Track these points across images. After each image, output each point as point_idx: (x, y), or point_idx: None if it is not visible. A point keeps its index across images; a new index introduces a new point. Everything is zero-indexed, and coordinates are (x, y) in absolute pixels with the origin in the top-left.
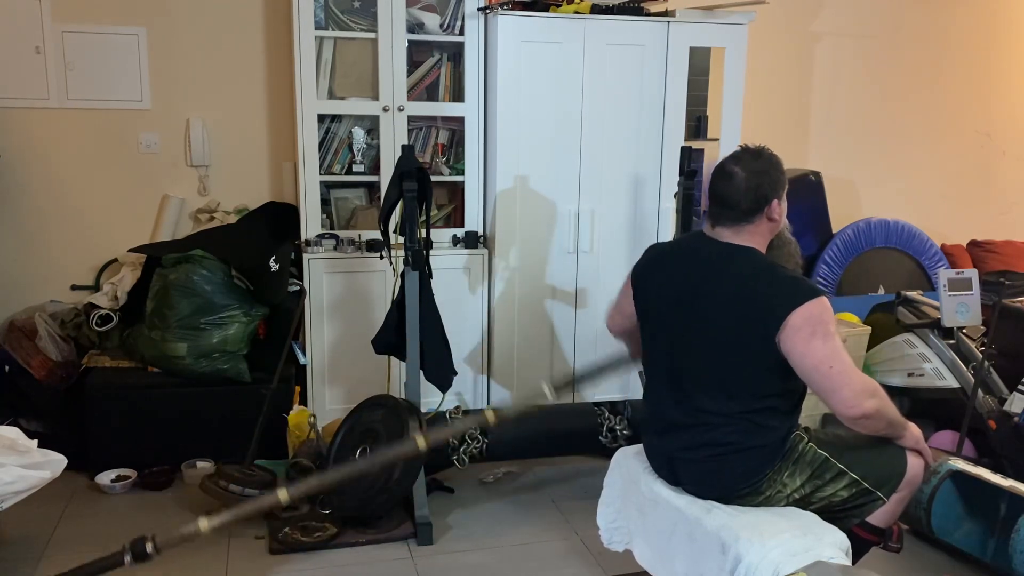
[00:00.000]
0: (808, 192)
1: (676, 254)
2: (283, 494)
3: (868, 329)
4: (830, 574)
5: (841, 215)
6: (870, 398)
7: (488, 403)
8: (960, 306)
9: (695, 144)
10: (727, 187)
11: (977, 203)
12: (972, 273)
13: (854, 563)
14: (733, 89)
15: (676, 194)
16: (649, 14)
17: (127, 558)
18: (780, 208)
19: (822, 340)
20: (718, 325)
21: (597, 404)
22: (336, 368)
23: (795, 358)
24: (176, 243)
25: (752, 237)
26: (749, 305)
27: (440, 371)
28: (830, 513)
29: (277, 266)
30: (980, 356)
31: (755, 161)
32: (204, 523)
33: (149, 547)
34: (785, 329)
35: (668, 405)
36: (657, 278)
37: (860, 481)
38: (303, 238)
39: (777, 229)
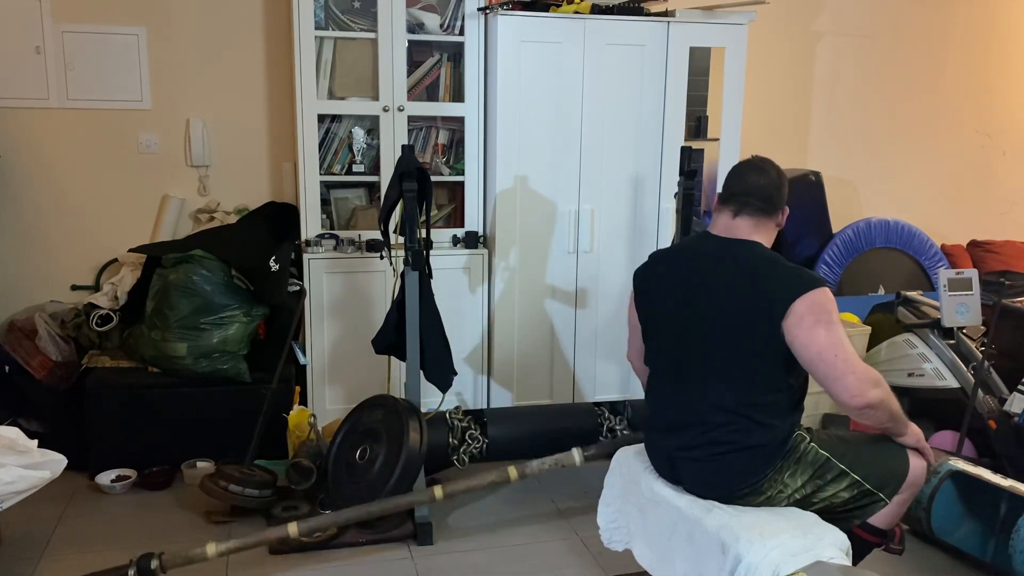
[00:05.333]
0: (808, 192)
1: (678, 254)
2: (293, 528)
3: (868, 329)
4: (830, 574)
5: (841, 215)
6: (874, 387)
7: (488, 403)
8: (960, 306)
9: (695, 144)
10: (762, 179)
11: (977, 203)
12: (972, 273)
13: (855, 564)
14: (733, 89)
15: (676, 194)
16: (649, 14)
17: (132, 573)
18: (783, 218)
19: (825, 328)
20: (722, 315)
21: (597, 404)
22: (336, 368)
23: (798, 347)
24: (176, 243)
25: (767, 232)
26: (752, 294)
27: (440, 371)
28: (831, 514)
29: (277, 266)
30: (980, 356)
31: (779, 169)
32: (212, 548)
33: (154, 563)
34: (789, 317)
35: (670, 402)
36: (659, 277)
37: (862, 482)
38: (303, 238)
39: (774, 238)
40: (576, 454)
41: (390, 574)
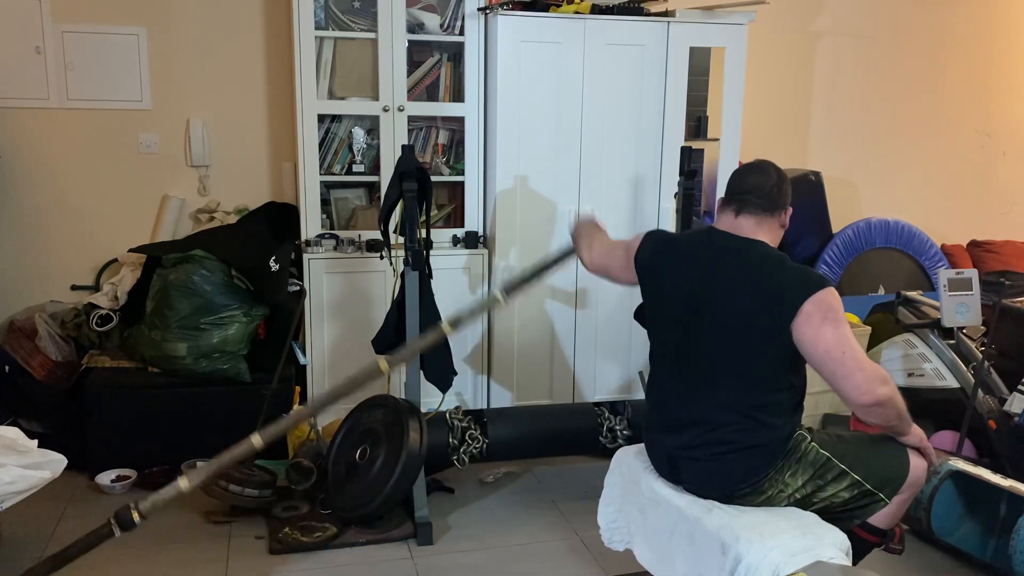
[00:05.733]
0: (808, 192)
1: (685, 248)
2: (256, 439)
3: (868, 329)
4: (830, 574)
5: (841, 215)
6: (883, 385)
7: (488, 403)
8: (960, 306)
9: (695, 144)
10: (761, 178)
11: (977, 203)
12: (972, 273)
13: (855, 564)
14: (733, 89)
15: (676, 194)
16: (649, 14)
17: (115, 529)
18: (787, 218)
19: (833, 327)
20: (729, 314)
21: (597, 404)
22: (336, 368)
23: (806, 345)
24: (176, 243)
25: (770, 232)
26: (758, 293)
27: (440, 371)
28: (831, 514)
29: (277, 266)
30: (980, 356)
31: (780, 170)
32: (184, 482)
33: (135, 515)
34: (798, 317)
35: (673, 401)
36: (667, 271)
37: (862, 482)
38: (303, 238)
39: (779, 238)
40: (499, 294)
41: (390, 574)
